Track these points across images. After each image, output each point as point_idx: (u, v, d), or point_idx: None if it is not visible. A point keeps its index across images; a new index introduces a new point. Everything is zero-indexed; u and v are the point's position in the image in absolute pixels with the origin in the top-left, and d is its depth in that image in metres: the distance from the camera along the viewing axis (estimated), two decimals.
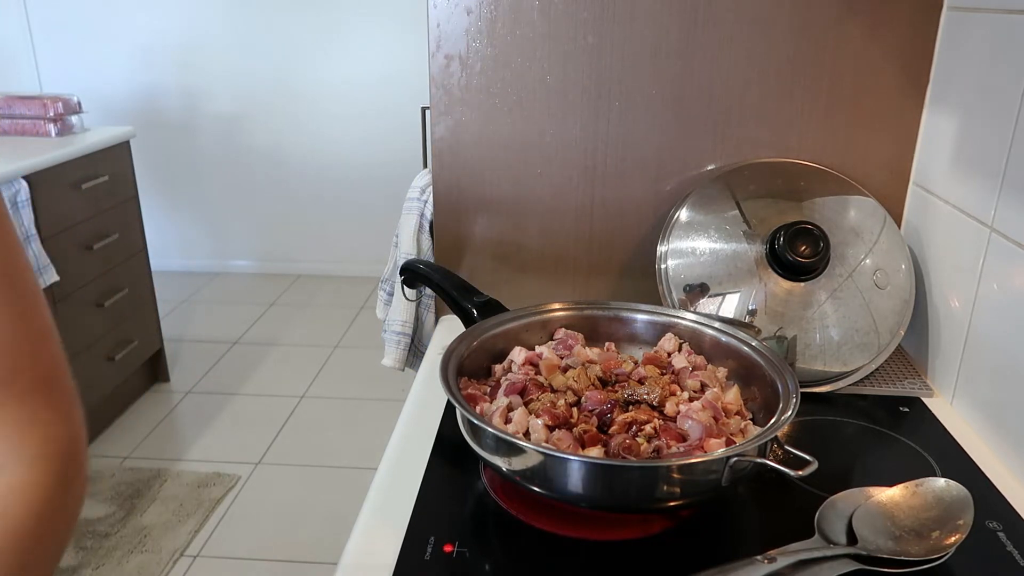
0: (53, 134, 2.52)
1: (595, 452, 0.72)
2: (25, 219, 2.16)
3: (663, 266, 1.04)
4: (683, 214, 1.06)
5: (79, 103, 2.62)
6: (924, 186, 1.06)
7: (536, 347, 0.90)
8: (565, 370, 0.85)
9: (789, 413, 0.72)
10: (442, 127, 1.12)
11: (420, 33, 3.49)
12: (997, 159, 0.87)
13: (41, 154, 2.28)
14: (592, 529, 0.73)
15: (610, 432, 0.75)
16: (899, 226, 1.11)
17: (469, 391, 0.81)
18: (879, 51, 1.05)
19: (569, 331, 0.92)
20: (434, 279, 1.01)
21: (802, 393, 0.76)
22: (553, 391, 0.81)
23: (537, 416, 0.76)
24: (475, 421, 0.71)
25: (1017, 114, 0.84)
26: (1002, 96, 0.87)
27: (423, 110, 1.22)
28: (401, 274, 1.07)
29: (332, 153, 3.96)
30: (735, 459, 0.67)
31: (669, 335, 0.91)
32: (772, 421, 0.73)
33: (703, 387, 0.83)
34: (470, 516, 0.76)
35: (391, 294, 1.41)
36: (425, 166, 1.37)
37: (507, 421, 0.76)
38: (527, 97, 1.09)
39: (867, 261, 1.01)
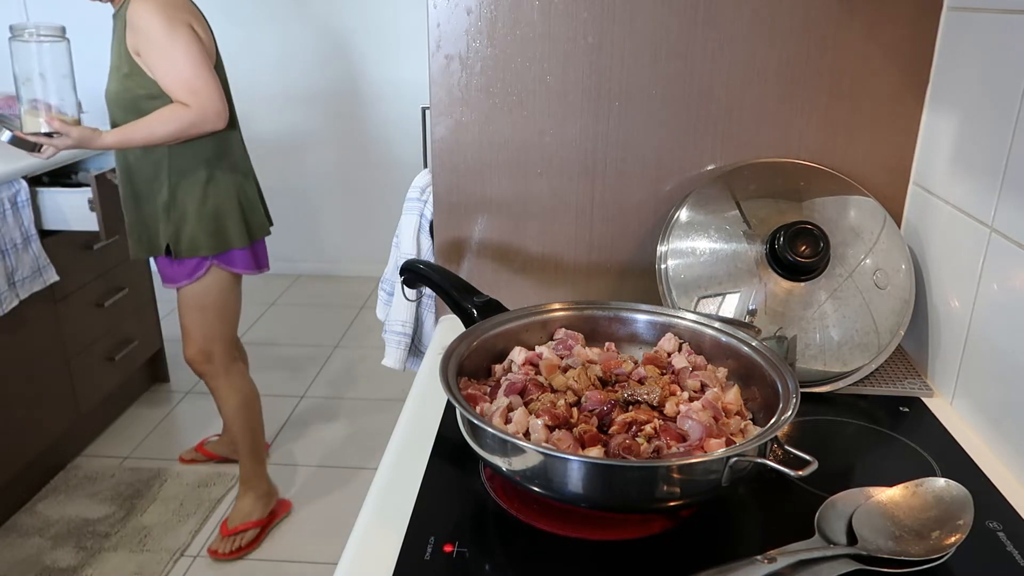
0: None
1: (595, 452, 0.72)
2: (25, 219, 2.16)
3: (663, 266, 1.04)
4: (683, 214, 1.06)
5: (79, 103, 2.61)
6: (924, 186, 1.06)
7: (536, 347, 0.90)
8: (565, 370, 0.84)
9: (789, 413, 0.72)
10: (442, 127, 1.12)
11: (420, 33, 3.49)
12: (997, 159, 0.87)
13: None
14: (592, 529, 0.73)
15: (610, 432, 0.75)
16: (899, 226, 1.11)
17: (469, 391, 0.81)
18: (879, 51, 1.05)
19: (569, 331, 0.92)
20: (434, 279, 1.01)
21: (802, 393, 0.76)
22: (553, 391, 0.81)
23: (537, 416, 0.76)
24: (475, 421, 0.71)
25: (1017, 114, 0.84)
26: (1002, 96, 0.87)
27: (423, 110, 1.22)
28: (401, 274, 1.07)
29: (332, 153, 3.96)
30: (735, 459, 0.67)
31: (669, 335, 0.91)
32: (772, 421, 0.73)
33: (703, 387, 0.83)
34: (470, 516, 0.76)
35: (391, 294, 1.41)
36: (425, 166, 1.37)
37: (507, 421, 0.76)
38: (527, 97, 1.09)
39: (867, 261, 1.01)
